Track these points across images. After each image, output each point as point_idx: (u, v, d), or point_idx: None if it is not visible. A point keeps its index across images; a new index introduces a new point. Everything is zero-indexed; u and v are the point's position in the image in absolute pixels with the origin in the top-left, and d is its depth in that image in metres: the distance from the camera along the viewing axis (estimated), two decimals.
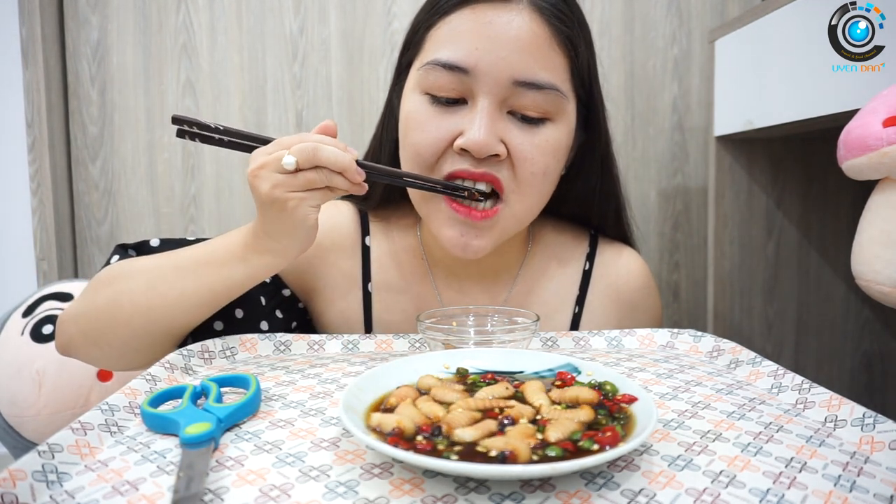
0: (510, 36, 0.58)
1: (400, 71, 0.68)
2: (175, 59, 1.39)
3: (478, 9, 0.59)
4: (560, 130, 0.62)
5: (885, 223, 0.50)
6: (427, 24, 0.62)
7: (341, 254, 0.75)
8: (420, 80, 0.61)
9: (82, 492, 0.33)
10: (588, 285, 0.74)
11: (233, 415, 0.41)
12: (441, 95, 0.60)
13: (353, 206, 0.78)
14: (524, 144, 0.60)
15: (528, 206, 0.64)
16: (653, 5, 1.37)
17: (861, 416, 0.41)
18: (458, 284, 0.74)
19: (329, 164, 0.53)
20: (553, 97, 0.60)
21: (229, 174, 1.42)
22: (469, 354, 0.49)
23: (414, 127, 0.61)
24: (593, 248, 0.76)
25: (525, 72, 0.58)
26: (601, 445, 0.33)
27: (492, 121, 0.59)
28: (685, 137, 1.41)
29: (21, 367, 1.07)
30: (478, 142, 0.58)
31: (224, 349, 0.61)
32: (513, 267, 0.75)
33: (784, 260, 1.18)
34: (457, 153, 0.60)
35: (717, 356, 0.59)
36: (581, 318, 0.74)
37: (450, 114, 0.60)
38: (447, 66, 0.59)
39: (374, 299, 0.74)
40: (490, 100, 0.59)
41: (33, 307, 1.15)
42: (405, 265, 0.75)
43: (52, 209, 1.36)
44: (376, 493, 0.32)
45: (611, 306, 0.75)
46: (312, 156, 0.52)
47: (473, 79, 0.59)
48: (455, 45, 0.59)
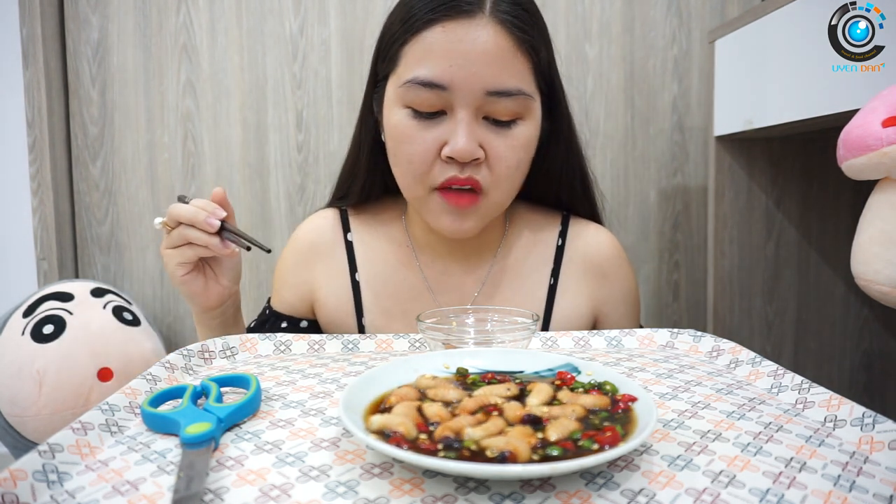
0: (478, 51, 0.64)
1: (376, 79, 0.74)
2: (175, 59, 1.39)
3: (448, 26, 0.64)
4: (529, 127, 0.69)
5: (885, 223, 0.50)
6: (401, 40, 0.67)
7: (325, 255, 0.81)
8: (401, 96, 0.67)
9: (83, 492, 0.33)
10: (562, 259, 0.80)
11: (233, 415, 0.41)
12: (423, 110, 0.66)
13: (335, 209, 0.84)
14: (500, 147, 0.67)
15: (504, 195, 0.71)
16: (653, 5, 1.37)
17: (861, 416, 0.41)
18: (443, 266, 0.80)
19: (182, 219, 0.63)
20: (522, 100, 0.67)
21: (229, 174, 1.42)
22: (469, 354, 0.49)
23: (404, 140, 0.68)
24: (565, 227, 0.82)
25: (495, 82, 0.65)
26: (601, 445, 0.33)
27: (470, 129, 0.66)
28: (685, 137, 1.41)
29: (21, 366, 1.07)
30: (462, 150, 0.65)
31: (224, 349, 0.61)
32: (492, 246, 0.80)
33: (784, 260, 1.18)
34: (444, 160, 0.67)
35: (717, 356, 0.59)
36: (557, 288, 0.79)
37: (433, 125, 0.67)
38: (426, 83, 0.65)
39: (362, 287, 0.79)
40: (467, 110, 0.65)
41: (34, 307, 1.15)
42: (390, 253, 0.81)
43: (52, 209, 1.36)
44: (376, 493, 0.32)
45: (583, 276, 0.80)
46: (170, 212, 0.64)
47: (451, 93, 0.65)
48: (430, 64, 0.65)
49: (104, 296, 1.22)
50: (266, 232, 1.43)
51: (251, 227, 1.43)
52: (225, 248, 0.64)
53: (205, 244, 0.63)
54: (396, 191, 0.76)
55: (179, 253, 0.65)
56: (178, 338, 1.44)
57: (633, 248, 1.42)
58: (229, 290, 0.71)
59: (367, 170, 0.78)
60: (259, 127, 1.41)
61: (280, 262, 0.83)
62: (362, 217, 0.82)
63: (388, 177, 0.75)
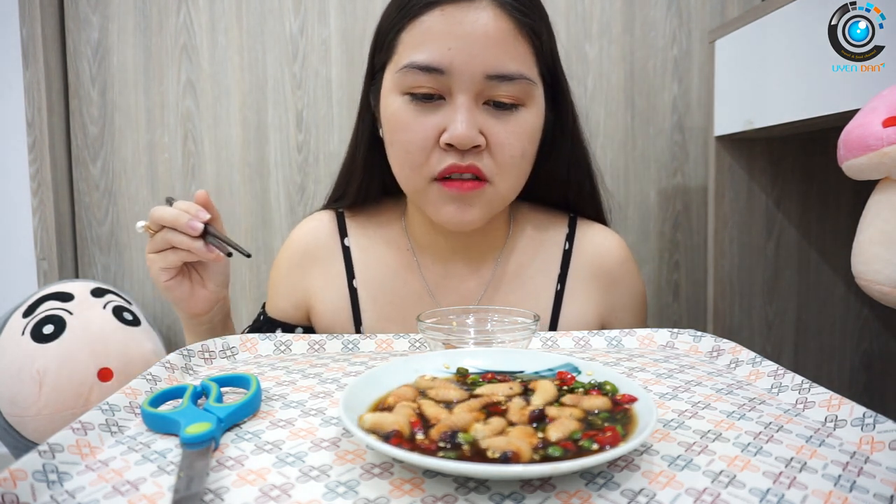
0: (478, 33, 0.62)
1: (374, 72, 0.72)
2: (175, 59, 1.39)
3: (446, 9, 0.62)
4: (532, 114, 0.67)
5: (885, 223, 0.50)
6: (398, 26, 0.65)
7: (321, 261, 0.78)
8: (398, 82, 0.65)
9: (83, 492, 0.33)
10: (569, 264, 0.77)
11: (233, 415, 0.41)
12: (420, 93, 0.64)
13: (331, 211, 0.81)
14: (501, 133, 0.65)
15: (510, 185, 0.68)
16: (653, 5, 1.37)
17: (861, 416, 0.41)
18: (444, 269, 0.77)
19: (164, 222, 0.61)
20: (523, 85, 0.64)
21: (229, 174, 1.42)
22: (469, 354, 0.49)
23: (400, 128, 0.65)
24: (572, 230, 0.79)
25: (496, 66, 0.62)
26: (601, 445, 0.33)
27: (470, 114, 0.63)
28: (685, 137, 1.41)
29: (21, 367, 1.07)
30: (461, 136, 0.62)
31: (224, 349, 0.61)
32: (496, 248, 0.77)
33: (784, 260, 1.18)
34: (442, 148, 0.64)
35: (717, 356, 0.59)
36: (563, 294, 0.76)
37: (431, 112, 0.64)
38: (424, 67, 0.62)
39: (360, 295, 0.76)
40: (467, 95, 0.63)
41: (34, 307, 1.15)
42: (389, 257, 0.78)
43: (52, 209, 1.36)
44: (376, 493, 0.32)
45: (591, 283, 0.77)
46: (152, 215, 0.62)
47: (449, 77, 0.62)
48: (429, 47, 0.62)
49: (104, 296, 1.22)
50: (266, 232, 1.43)
51: (251, 227, 1.43)
52: (209, 252, 0.62)
53: (188, 248, 0.61)
54: (395, 192, 0.73)
55: (163, 257, 0.63)
56: (178, 338, 1.44)
57: (634, 248, 1.42)
58: (216, 296, 0.69)
59: (364, 169, 0.75)
60: (259, 127, 1.41)
61: (274, 268, 0.81)
62: (359, 220, 0.80)
63: (387, 176, 0.72)
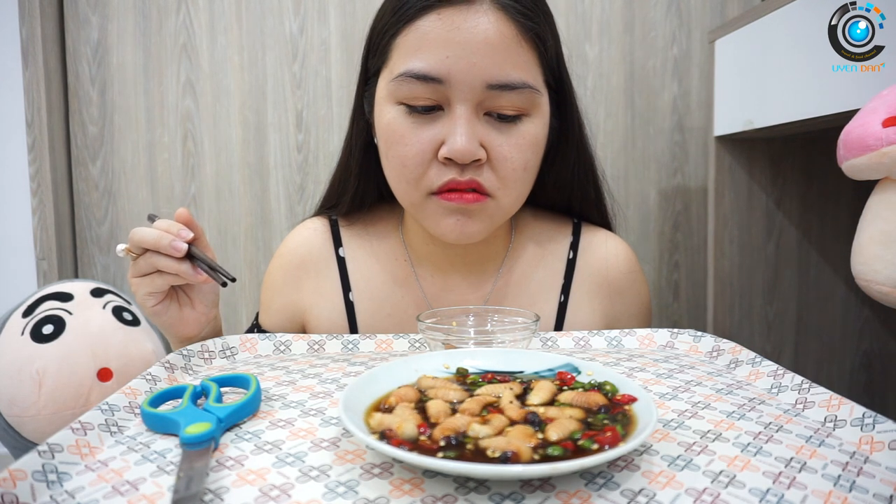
0: (478, 40, 0.57)
1: (367, 77, 0.68)
2: (175, 59, 1.39)
3: (444, 13, 0.58)
4: (536, 124, 0.63)
5: (885, 223, 0.50)
6: (392, 30, 0.61)
7: (315, 273, 0.75)
8: (394, 91, 0.61)
9: (82, 492, 0.33)
10: (573, 274, 0.74)
11: (233, 415, 0.41)
12: (417, 105, 0.60)
13: (325, 219, 0.77)
14: (503, 146, 0.61)
15: (513, 199, 0.65)
16: (653, 5, 1.37)
17: (861, 416, 0.41)
18: (443, 281, 0.74)
19: (146, 245, 0.57)
20: (527, 94, 0.60)
21: (229, 174, 1.42)
22: (469, 354, 0.49)
23: (396, 140, 0.61)
24: (577, 237, 0.76)
25: (498, 74, 0.58)
26: (601, 445, 0.33)
27: (471, 126, 0.59)
28: (685, 137, 1.41)
29: (21, 367, 1.07)
30: (461, 150, 0.58)
31: (224, 349, 0.61)
32: (497, 258, 0.74)
33: (784, 260, 1.18)
34: (441, 162, 0.60)
35: (717, 356, 0.59)
36: (567, 306, 0.74)
37: (429, 123, 0.60)
38: (420, 77, 0.58)
39: (356, 308, 0.73)
40: (466, 106, 0.59)
41: (33, 307, 1.14)
42: (386, 269, 0.74)
43: (52, 209, 1.36)
44: (376, 493, 0.32)
45: (597, 293, 0.74)
46: (132, 238, 0.58)
47: (448, 87, 0.58)
48: (425, 55, 0.58)
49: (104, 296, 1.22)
50: (266, 232, 1.43)
51: (251, 226, 1.43)
52: (197, 274, 0.58)
53: (175, 272, 0.58)
54: (391, 198, 0.70)
55: (149, 282, 0.59)
56: None
57: (633, 247, 1.41)
58: (206, 316, 0.65)
59: (359, 176, 0.72)
60: (259, 127, 1.41)
61: (267, 278, 0.77)
62: (354, 229, 0.76)
63: (383, 183, 0.69)
